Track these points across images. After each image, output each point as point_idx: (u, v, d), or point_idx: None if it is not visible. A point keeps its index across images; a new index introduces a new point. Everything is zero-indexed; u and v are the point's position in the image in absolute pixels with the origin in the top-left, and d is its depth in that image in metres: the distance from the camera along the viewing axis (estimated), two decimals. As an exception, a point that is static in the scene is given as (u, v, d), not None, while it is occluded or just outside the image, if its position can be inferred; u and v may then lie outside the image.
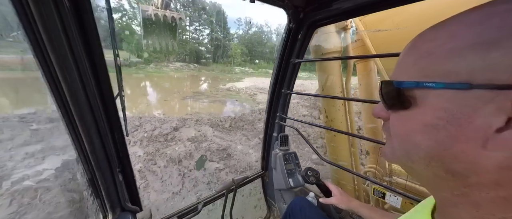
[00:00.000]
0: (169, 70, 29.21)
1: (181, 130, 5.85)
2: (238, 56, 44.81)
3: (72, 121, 0.64)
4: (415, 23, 1.43)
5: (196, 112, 8.33)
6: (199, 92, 14.23)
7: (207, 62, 40.90)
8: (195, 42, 44.21)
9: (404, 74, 0.27)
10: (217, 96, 12.75)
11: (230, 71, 37.13)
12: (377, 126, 2.30)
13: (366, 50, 1.87)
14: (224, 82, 20.97)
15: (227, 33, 51.03)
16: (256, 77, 29.47)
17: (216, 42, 46.86)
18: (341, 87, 1.98)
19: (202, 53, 42.20)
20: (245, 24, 57.13)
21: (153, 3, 8.79)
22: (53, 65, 0.55)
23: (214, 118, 7.07)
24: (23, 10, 0.48)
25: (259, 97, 12.19)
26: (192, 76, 25.86)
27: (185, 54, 37.16)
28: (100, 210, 0.82)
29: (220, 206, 1.28)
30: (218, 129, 6.24)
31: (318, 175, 1.03)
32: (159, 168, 3.88)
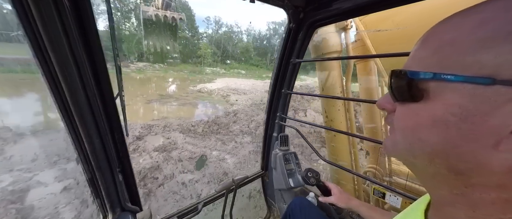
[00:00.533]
0: (130, 71, 26.83)
1: (145, 138, 5.18)
2: (209, 56, 43.42)
3: (72, 121, 0.64)
4: (415, 23, 1.43)
5: (164, 117, 7.54)
6: (167, 94, 13.18)
7: (174, 62, 37.84)
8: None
9: (420, 64, 0.25)
10: (187, 98, 11.86)
11: (201, 72, 35.27)
12: (377, 126, 2.30)
13: (366, 50, 1.87)
14: (194, 83, 19.72)
15: (195, 32, 49.22)
16: (228, 78, 28.29)
17: (184, 41, 44.65)
18: (341, 87, 1.99)
19: (169, 52, 37.91)
20: (215, 23, 54.80)
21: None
22: (53, 65, 0.55)
23: (184, 123, 6.46)
24: (23, 10, 0.48)
25: (232, 99, 11.48)
26: (158, 77, 24.01)
27: (148, 54, 33.33)
28: (100, 210, 0.82)
29: (220, 206, 1.28)
30: (190, 135, 5.69)
31: (318, 176, 1.03)
32: None
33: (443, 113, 0.22)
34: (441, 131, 0.23)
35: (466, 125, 0.21)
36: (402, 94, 0.26)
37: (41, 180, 3.09)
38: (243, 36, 58.32)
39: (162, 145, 4.85)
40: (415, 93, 0.25)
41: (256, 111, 8.15)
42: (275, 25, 56.05)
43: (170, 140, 5.17)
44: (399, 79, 0.26)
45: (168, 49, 37.81)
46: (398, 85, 0.26)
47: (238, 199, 1.35)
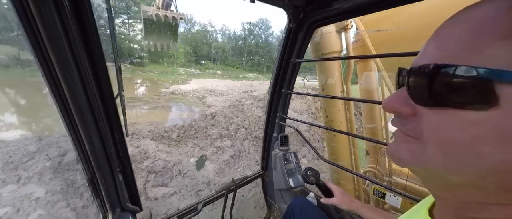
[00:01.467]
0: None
1: None
2: (181, 56, 41.58)
3: (72, 121, 0.64)
4: (415, 23, 1.43)
5: (132, 122, 6.60)
6: (135, 97, 11.96)
7: (142, 62, 35.06)
8: (124, 38, 35.57)
9: (497, 61, 0.18)
10: (159, 101, 10.96)
11: (173, 72, 33.31)
12: (377, 126, 2.30)
13: (366, 50, 1.87)
14: (167, 85, 18.44)
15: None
16: (204, 78, 27.19)
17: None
18: (341, 87, 1.99)
19: (135, 51, 35.38)
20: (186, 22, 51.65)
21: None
22: (53, 65, 0.55)
23: (156, 128, 5.79)
24: (23, 10, 0.48)
25: (209, 100, 10.70)
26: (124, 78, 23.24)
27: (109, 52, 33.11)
28: (100, 210, 0.82)
29: (220, 206, 1.28)
30: (163, 142, 5.11)
31: (318, 175, 1.03)
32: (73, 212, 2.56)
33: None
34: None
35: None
36: (450, 98, 0.20)
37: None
38: (217, 36, 57.10)
39: (131, 155, 4.02)
40: (479, 99, 0.19)
41: (235, 113, 7.51)
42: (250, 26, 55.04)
43: (139, 148, 4.53)
44: (461, 79, 0.20)
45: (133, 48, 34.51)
46: (458, 87, 0.20)
47: (238, 199, 1.35)
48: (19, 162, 3.29)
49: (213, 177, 3.83)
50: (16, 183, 2.90)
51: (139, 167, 3.84)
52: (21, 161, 3.29)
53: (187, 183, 3.59)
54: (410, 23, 1.47)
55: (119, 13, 36.44)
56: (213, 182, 3.73)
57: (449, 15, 0.25)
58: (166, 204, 3.08)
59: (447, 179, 0.23)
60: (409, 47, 1.55)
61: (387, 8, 0.81)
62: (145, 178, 3.56)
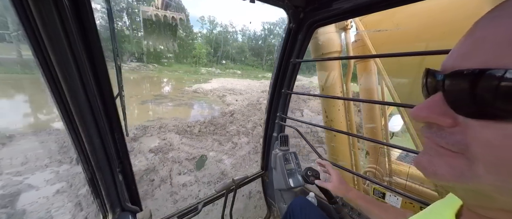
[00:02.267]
0: (124, 71, 26.88)
1: (141, 139, 5.12)
2: (204, 56, 43.36)
3: (72, 120, 0.64)
4: (415, 23, 1.43)
5: (159, 118, 7.39)
6: (162, 95, 12.94)
7: (169, 62, 37.78)
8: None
9: None
10: (182, 99, 11.70)
11: (196, 72, 35.22)
12: (377, 126, 2.31)
13: (366, 50, 1.87)
14: (190, 83, 19.48)
15: (190, 32, 48.97)
16: (224, 78, 28.08)
17: (178, 41, 43.74)
18: (341, 87, 1.99)
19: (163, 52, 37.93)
20: (209, 23, 54.38)
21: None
22: (53, 65, 0.55)
23: (180, 123, 6.35)
24: (23, 10, 0.48)
25: (228, 99, 11.33)
26: (152, 77, 23.90)
27: (142, 53, 33.46)
28: (100, 210, 0.82)
29: (220, 206, 1.28)
30: (186, 136, 5.59)
31: (318, 175, 1.03)
32: None
33: None
34: None
35: None
36: (505, 110, 0.17)
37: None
38: (238, 36, 58.46)
39: (158, 146, 4.77)
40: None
41: (252, 111, 8.03)
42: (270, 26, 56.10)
43: (166, 141, 5.05)
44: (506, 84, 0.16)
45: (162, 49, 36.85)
46: (504, 93, 0.17)
47: (238, 199, 1.35)
48: (69, 146, 4.06)
49: (230, 170, 4.06)
50: (69, 163, 3.60)
51: (165, 156, 4.31)
52: (71, 146, 3.95)
53: (206, 174, 3.89)
54: (410, 23, 1.47)
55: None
56: (229, 174, 3.96)
57: (449, 15, 0.24)
58: (187, 191, 3.37)
59: (494, 198, 0.20)
60: (409, 47, 1.55)
61: (387, 8, 0.81)
62: (170, 166, 3.98)
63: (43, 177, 3.18)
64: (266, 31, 56.54)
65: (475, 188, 0.21)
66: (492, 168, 0.19)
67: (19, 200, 2.75)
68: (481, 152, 0.19)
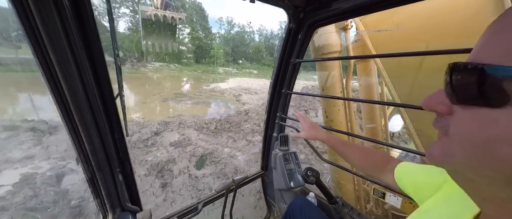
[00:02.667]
0: (148, 70, 28.08)
1: (162, 134, 5.54)
2: (221, 56, 44.27)
3: (72, 120, 0.64)
4: (415, 23, 1.43)
5: (178, 114, 7.97)
6: (181, 93, 13.72)
7: (188, 62, 39.92)
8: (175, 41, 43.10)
9: (506, 56, 0.19)
10: (200, 97, 12.36)
11: (213, 71, 36.36)
12: (377, 126, 2.30)
13: (366, 50, 1.87)
14: (208, 83, 20.53)
15: (208, 33, 50.10)
16: (240, 77, 29.09)
17: (197, 41, 45.79)
18: (341, 87, 1.99)
19: (183, 53, 41.02)
20: (227, 24, 55.95)
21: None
22: (53, 65, 0.55)
23: (198, 120, 6.79)
24: (23, 10, 0.48)
25: (244, 98, 11.90)
26: (173, 76, 25.18)
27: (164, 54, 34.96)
28: (100, 210, 0.82)
29: (220, 206, 1.28)
30: (203, 132, 5.96)
31: (318, 175, 1.03)
32: (139, 177, 3.53)
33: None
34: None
35: None
36: (472, 96, 0.21)
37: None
38: (255, 36, 59.23)
39: (177, 140, 5.13)
40: (495, 96, 0.19)
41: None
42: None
43: (184, 136, 5.44)
44: (468, 76, 0.20)
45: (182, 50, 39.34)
46: (465, 83, 0.21)
47: (238, 199, 1.35)
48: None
49: (243, 166, 4.24)
50: None
51: (184, 150, 4.69)
52: None
53: (220, 168, 4.12)
54: (410, 23, 1.47)
55: None
56: (242, 170, 4.12)
57: (449, 15, 0.24)
58: (203, 183, 3.60)
59: (473, 181, 0.23)
60: (409, 47, 1.55)
61: (387, 8, 0.81)
62: (188, 159, 4.32)
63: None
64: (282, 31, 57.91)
65: (456, 168, 0.24)
66: (460, 144, 0.22)
67: (63, 181, 3.20)
68: (454, 130, 0.23)
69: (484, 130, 0.20)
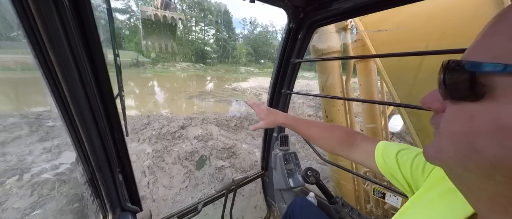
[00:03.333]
0: (176, 70, 29.82)
1: (187, 128, 6.02)
2: (243, 56, 45.00)
3: (72, 121, 0.64)
4: (415, 23, 1.43)
5: (202, 111, 8.56)
6: (205, 92, 14.60)
7: (212, 62, 41.38)
8: (201, 42, 44.93)
9: (486, 54, 0.20)
10: (222, 96, 13.00)
11: (236, 71, 37.43)
12: (377, 126, 2.30)
13: (366, 50, 1.87)
14: (230, 82, 21.26)
15: (232, 33, 51.10)
16: (262, 77, 29.59)
17: (221, 42, 47.08)
18: (341, 87, 1.98)
19: (208, 53, 42.65)
20: (250, 24, 57.14)
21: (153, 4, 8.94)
22: (53, 65, 0.55)
23: (219, 117, 7.19)
24: (23, 10, 0.48)
25: (264, 97, 12.22)
26: (198, 76, 26.61)
27: (191, 55, 38.06)
28: (100, 210, 0.82)
29: (220, 206, 1.28)
30: (223, 128, 6.34)
31: (318, 175, 1.03)
32: (167, 164, 4.07)
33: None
34: (507, 140, 0.18)
35: None
36: (456, 91, 0.21)
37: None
38: (278, 36, 59.57)
39: (200, 134, 5.59)
40: (474, 91, 0.20)
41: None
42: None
43: (207, 131, 5.87)
44: (454, 73, 0.21)
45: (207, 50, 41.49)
46: (452, 80, 0.22)
47: (238, 199, 1.35)
48: (138, 129, 5.71)
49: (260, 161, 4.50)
50: (137, 142, 4.96)
51: (206, 144, 5.09)
52: (139, 129, 5.73)
53: (239, 162, 4.43)
54: (410, 23, 1.47)
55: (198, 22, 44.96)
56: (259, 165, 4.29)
57: (450, 15, 0.25)
58: (222, 174, 3.94)
59: (463, 177, 0.23)
60: (409, 47, 1.55)
61: (387, 8, 0.81)
62: (209, 151, 4.72)
63: None
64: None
65: (447, 163, 0.24)
66: (447, 140, 0.23)
67: None
68: (443, 127, 0.24)
69: (465, 123, 0.21)
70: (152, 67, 28.98)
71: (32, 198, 2.55)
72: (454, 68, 0.21)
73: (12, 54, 6.50)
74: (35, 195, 2.59)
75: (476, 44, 0.22)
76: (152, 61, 30.63)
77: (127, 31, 38.52)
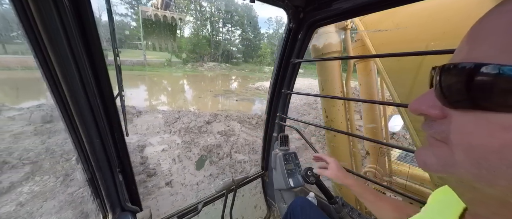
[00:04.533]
0: (204, 69, 31.32)
1: (212, 124, 6.54)
2: (268, 55, 45.53)
3: (72, 121, 0.64)
4: (415, 23, 1.43)
5: (226, 109, 9.10)
6: (230, 90, 15.15)
7: (237, 62, 42.32)
8: (227, 42, 45.62)
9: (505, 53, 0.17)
10: (246, 94, 13.48)
11: (260, 70, 38.06)
12: (377, 126, 2.30)
13: (366, 50, 1.87)
14: (253, 81, 21.86)
15: (257, 33, 51.45)
16: None
17: (246, 42, 47.58)
18: (341, 87, 1.98)
19: (233, 53, 43.63)
20: (276, 23, 57.21)
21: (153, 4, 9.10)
22: (53, 65, 0.55)
23: (242, 115, 7.61)
24: (23, 10, 0.48)
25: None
26: (224, 75, 27.63)
27: (218, 55, 39.25)
28: (100, 210, 0.82)
29: (220, 206, 1.28)
30: (245, 125, 6.68)
31: (318, 175, 1.03)
32: (194, 155, 4.57)
33: None
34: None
35: None
36: (477, 99, 0.19)
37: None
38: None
39: (224, 130, 6.01)
40: (502, 99, 0.17)
41: (308, 110, 8.83)
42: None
43: (229, 127, 6.32)
44: (484, 78, 0.18)
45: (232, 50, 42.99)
46: (479, 87, 0.18)
47: (238, 199, 1.35)
48: (170, 122, 6.35)
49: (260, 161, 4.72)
50: (169, 133, 5.60)
51: (228, 139, 5.47)
52: (171, 122, 6.38)
53: (257, 158, 4.52)
54: (410, 23, 1.47)
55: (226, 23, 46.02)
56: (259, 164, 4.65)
57: (450, 15, 0.24)
58: (241, 167, 4.24)
59: (478, 189, 0.21)
60: (409, 47, 1.55)
61: (387, 8, 0.81)
62: (231, 146, 5.05)
63: (156, 139, 5.11)
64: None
65: (459, 177, 0.22)
66: (466, 154, 0.20)
67: (144, 151, 4.53)
68: (457, 139, 0.21)
69: (496, 137, 0.18)
70: (182, 67, 30.74)
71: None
72: (485, 74, 0.18)
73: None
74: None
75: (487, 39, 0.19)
76: (183, 61, 32.66)
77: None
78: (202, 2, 42.54)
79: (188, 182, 3.60)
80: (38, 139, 4.31)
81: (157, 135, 5.39)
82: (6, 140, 4.06)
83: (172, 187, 3.43)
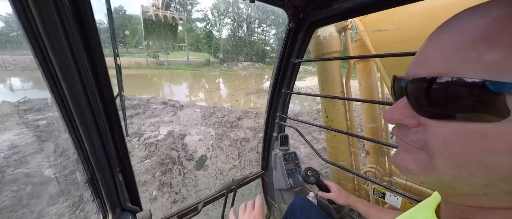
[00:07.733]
0: (238, 69, 32.80)
1: (243, 120, 7.08)
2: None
3: (72, 121, 0.64)
4: (415, 23, 1.43)
5: (257, 107, 9.58)
6: (261, 89, 15.51)
7: (271, 61, 43.51)
8: (261, 42, 46.48)
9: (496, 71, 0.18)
10: None
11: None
12: (377, 126, 2.30)
13: (366, 50, 1.87)
14: None
15: None
16: None
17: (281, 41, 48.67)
18: (341, 87, 1.98)
19: (267, 52, 44.80)
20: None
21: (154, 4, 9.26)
22: (53, 65, 0.55)
23: None
24: (23, 10, 0.48)
25: (318, 98, 12.40)
26: (257, 74, 28.63)
27: (252, 54, 40.70)
28: (100, 210, 0.82)
29: (220, 206, 1.28)
30: None
31: (318, 175, 1.03)
32: (225, 145, 5.07)
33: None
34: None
35: None
36: (459, 111, 0.20)
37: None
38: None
39: (252, 126, 6.52)
40: (495, 111, 0.18)
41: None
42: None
43: (258, 124, 6.73)
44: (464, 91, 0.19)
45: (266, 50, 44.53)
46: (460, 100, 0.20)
47: (238, 199, 1.35)
48: (206, 116, 7.10)
49: (303, 157, 4.92)
50: (205, 126, 6.29)
51: (256, 135, 5.85)
52: (207, 116, 7.11)
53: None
54: (410, 23, 1.47)
55: (260, 23, 47.58)
56: (301, 160, 5.02)
57: (450, 15, 0.24)
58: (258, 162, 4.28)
59: (456, 188, 0.23)
60: (409, 47, 1.55)
61: (387, 8, 0.81)
62: (258, 141, 5.37)
63: (195, 131, 5.83)
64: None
65: (438, 179, 0.24)
66: (447, 160, 0.22)
67: (184, 139, 5.29)
68: (437, 147, 0.22)
69: (474, 143, 0.20)
70: (219, 66, 32.36)
71: (144, 152, 4.43)
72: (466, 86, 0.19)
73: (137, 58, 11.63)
74: (146, 151, 4.49)
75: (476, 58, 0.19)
76: (220, 61, 34.32)
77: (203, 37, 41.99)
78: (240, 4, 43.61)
79: (219, 167, 4.18)
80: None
81: (195, 127, 6.14)
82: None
83: (205, 170, 4.12)
